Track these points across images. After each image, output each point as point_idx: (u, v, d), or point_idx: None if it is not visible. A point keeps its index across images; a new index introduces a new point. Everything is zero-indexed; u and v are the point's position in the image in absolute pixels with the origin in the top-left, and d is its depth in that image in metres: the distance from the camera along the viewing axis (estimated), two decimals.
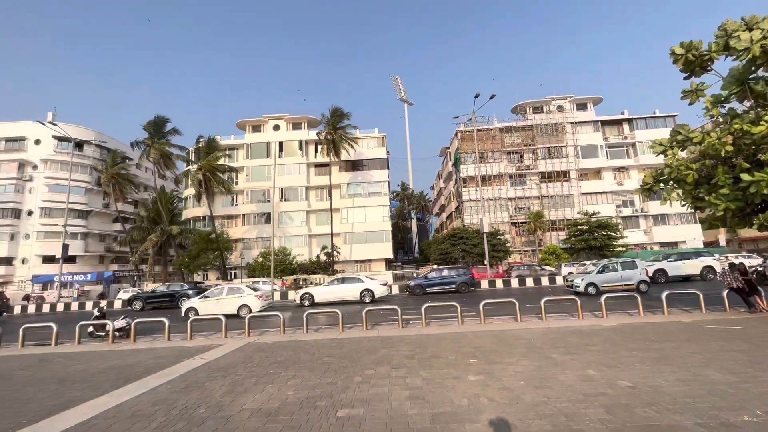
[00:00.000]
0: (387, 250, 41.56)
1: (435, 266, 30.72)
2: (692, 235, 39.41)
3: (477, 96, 27.98)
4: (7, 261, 41.85)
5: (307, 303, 18.73)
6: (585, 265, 25.74)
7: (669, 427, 3.52)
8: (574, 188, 41.27)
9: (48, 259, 42.11)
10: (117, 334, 11.06)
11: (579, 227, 34.71)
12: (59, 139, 43.45)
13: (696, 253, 21.08)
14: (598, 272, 17.26)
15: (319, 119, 39.36)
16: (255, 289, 17.26)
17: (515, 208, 41.80)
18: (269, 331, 11.22)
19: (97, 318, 12.07)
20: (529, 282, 25.70)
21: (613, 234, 33.50)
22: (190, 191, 41.59)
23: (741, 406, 3.94)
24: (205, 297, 16.20)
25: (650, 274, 19.41)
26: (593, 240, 33.11)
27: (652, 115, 42.55)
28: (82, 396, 5.60)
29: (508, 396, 4.60)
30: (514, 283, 25.56)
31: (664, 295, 10.33)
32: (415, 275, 33.97)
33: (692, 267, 20.18)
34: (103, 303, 24.14)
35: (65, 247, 29.52)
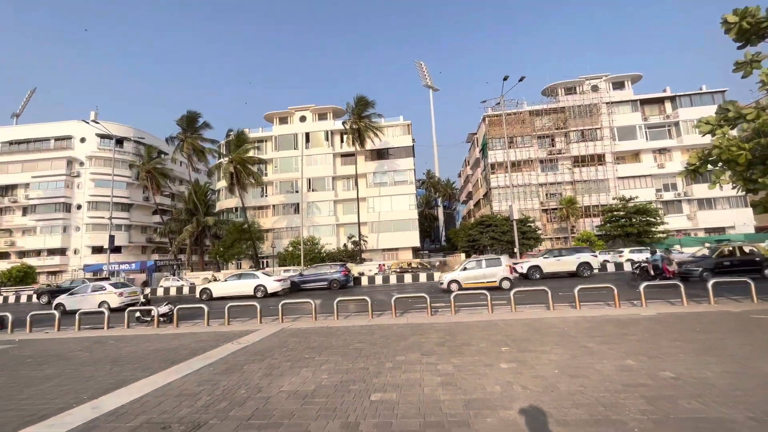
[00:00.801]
0: (414, 239, 41.54)
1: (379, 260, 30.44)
2: (742, 219, 36.69)
3: (506, 79, 26.99)
4: (61, 252, 45.31)
5: (204, 297, 20.17)
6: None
7: (717, 420, 3.37)
8: (609, 172, 39.32)
9: (96, 250, 45.23)
10: (161, 319, 11.78)
11: (615, 213, 33.13)
12: (102, 136, 46.13)
13: (575, 249, 21.11)
14: (462, 269, 17.13)
15: (344, 109, 39.43)
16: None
17: (546, 194, 40.43)
18: (301, 317, 11.58)
19: (143, 304, 12.90)
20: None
21: (652, 219, 31.76)
22: (222, 183, 43.12)
23: None
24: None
25: (524, 270, 20.07)
26: (630, 226, 31.54)
27: (698, 91, 39.52)
28: (134, 375, 6.05)
29: (542, 384, 4.54)
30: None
31: (710, 284, 9.74)
32: (440, 263, 33.79)
33: (568, 264, 19.98)
34: (147, 290, 25.69)
35: (111, 238, 31.51)
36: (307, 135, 44.73)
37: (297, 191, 43.08)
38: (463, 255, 34.23)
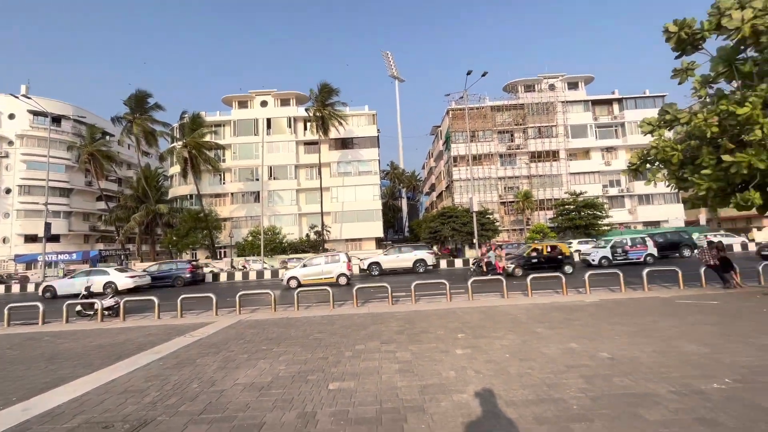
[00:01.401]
0: (377, 229, 41.75)
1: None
2: (674, 214, 40.45)
3: (469, 73, 27.50)
4: None
5: (47, 295, 18.98)
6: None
7: (644, 395, 3.72)
8: (563, 168, 41.61)
9: (30, 239, 41.26)
10: (106, 312, 11.02)
11: (566, 206, 35.26)
12: (35, 113, 41.68)
13: (413, 247, 22.57)
14: (301, 266, 17.84)
15: (308, 96, 38.44)
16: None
17: (505, 188, 42.11)
18: (260, 309, 11.32)
19: (84, 297, 11.98)
20: None
21: (598, 213, 34.17)
22: (175, 169, 40.64)
23: (712, 375, 4.17)
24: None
25: (365, 267, 21.46)
26: (579, 219, 33.75)
27: (642, 95, 42.66)
28: (74, 373, 5.62)
29: (493, 368, 4.78)
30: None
31: (644, 272, 10.69)
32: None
33: (406, 261, 21.27)
34: (91, 281, 23.85)
35: (47, 225, 28.82)
36: (269, 121, 43.15)
37: (257, 179, 41.55)
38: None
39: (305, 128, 42.41)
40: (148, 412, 3.98)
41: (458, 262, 27.25)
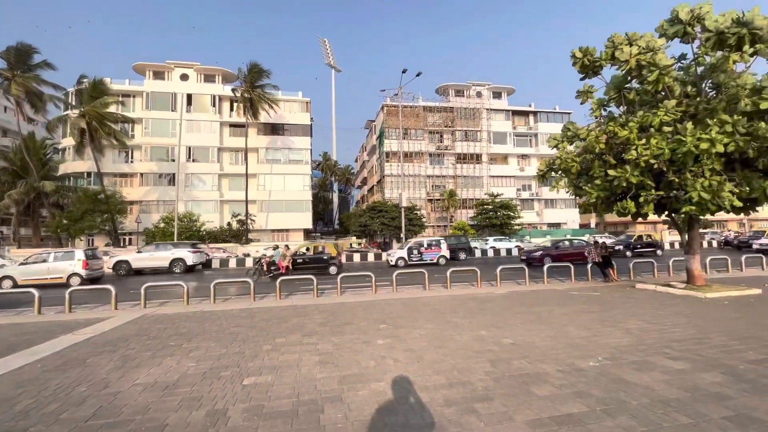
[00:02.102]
0: (306, 220, 40.82)
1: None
2: (572, 218, 46.48)
3: (404, 72, 28.17)
4: None
5: None
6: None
7: (536, 374, 4.24)
8: (484, 171, 44.99)
9: None
10: None
11: (485, 206, 38.32)
12: None
13: (172, 245, 21.02)
14: (20, 264, 15.41)
15: (236, 74, 35.83)
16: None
17: (432, 186, 44.16)
18: (170, 302, 10.35)
19: None
20: None
21: (512, 214, 37.77)
22: (69, 141, 34.90)
23: (589, 354, 4.90)
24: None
25: (110, 266, 19.39)
26: (496, 218, 36.95)
27: (553, 110, 47.96)
28: None
29: (411, 356, 5.02)
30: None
31: (545, 267, 12.11)
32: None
33: (162, 259, 19.91)
34: None
35: None
36: (189, 97, 39.23)
37: (173, 160, 37.56)
38: (353, 238, 35.15)
39: (231, 109, 39.46)
40: (17, 422, 3.40)
41: (384, 256, 27.86)
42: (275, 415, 3.40)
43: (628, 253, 22.63)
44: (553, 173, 11.49)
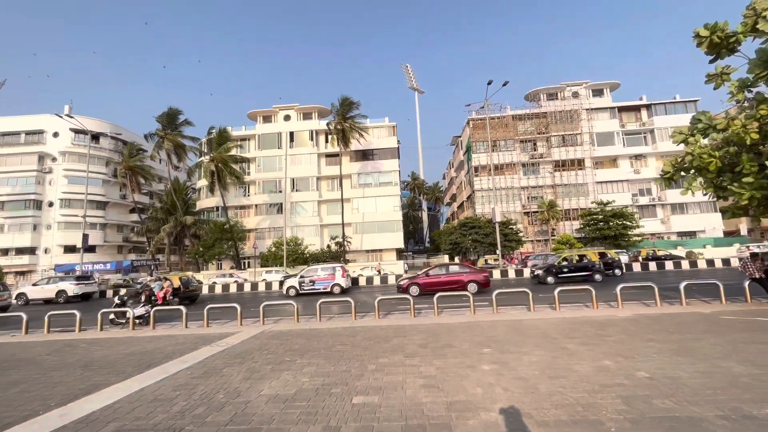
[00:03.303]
0: (398, 240, 41.63)
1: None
2: (712, 224, 38.35)
3: (490, 83, 27.40)
4: (31, 251, 43.36)
5: None
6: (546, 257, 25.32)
7: (689, 419, 3.47)
8: (588, 177, 40.43)
9: (69, 249, 43.47)
10: (137, 321, 11.40)
11: (593, 216, 34.11)
12: (76, 131, 44.34)
13: (60, 278, 23.64)
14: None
15: (329, 109, 39.24)
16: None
17: (528, 197, 41.24)
18: (283, 320, 11.41)
19: (117, 306, 12.46)
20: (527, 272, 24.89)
21: (628, 223, 32.83)
22: (203, 182, 42.20)
23: (765, 398, 3.85)
24: None
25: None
26: (608, 229, 32.53)
27: (672, 100, 41.13)
28: (107, 380, 5.81)
29: (522, 386, 4.59)
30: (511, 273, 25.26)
31: (682, 286, 10.11)
32: (424, 264, 34.00)
33: (49, 291, 22.05)
34: (123, 291, 24.83)
35: (85, 237, 30.36)
36: (292, 134, 44.25)
37: (280, 191, 42.50)
38: (446, 257, 34.55)
39: (326, 141, 43.19)
40: (176, 421, 4.05)
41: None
42: None
43: None
44: (683, 173, 9.71)
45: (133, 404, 4.67)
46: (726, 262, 25.25)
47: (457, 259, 34.71)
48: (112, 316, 12.01)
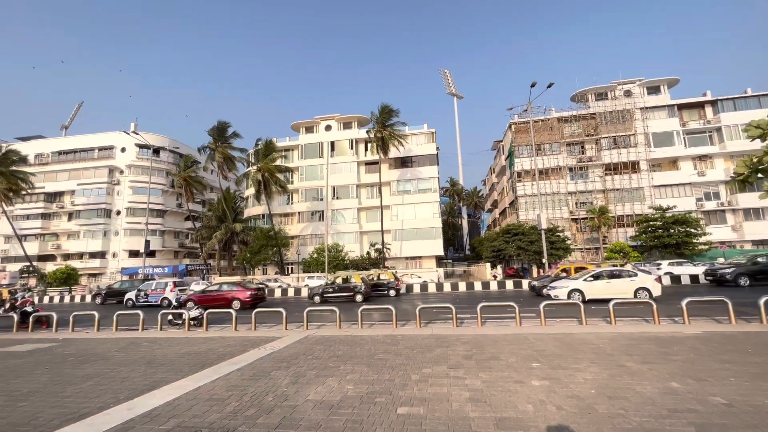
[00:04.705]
0: (437, 247, 41.11)
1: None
2: None
3: (533, 85, 26.53)
4: (101, 255, 47.89)
5: None
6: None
7: None
8: (644, 180, 37.56)
9: (133, 254, 47.48)
10: (192, 322, 12.14)
11: (651, 223, 31.53)
12: (140, 146, 48.70)
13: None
14: None
15: (369, 117, 39.88)
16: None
17: (576, 203, 39.08)
18: (325, 325, 11.63)
19: (175, 308, 13.36)
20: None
21: (693, 230, 29.96)
22: (250, 191, 44.44)
23: None
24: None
25: None
26: (668, 237, 29.90)
27: (743, 95, 37.31)
28: (167, 378, 6.23)
29: (577, 405, 4.31)
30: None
31: (762, 301, 9.01)
32: (464, 272, 33.23)
33: None
34: (181, 294, 26.62)
35: (147, 242, 33.05)
36: (332, 144, 45.48)
37: (322, 199, 43.72)
38: (488, 264, 33.55)
39: (366, 149, 43.89)
40: (230, 421, 4.23)
41: (524, 284, 25.38)
42: None
43: None
44: (760, 174, 8.73)
45: (191, 402, 4.95)
46: None
47: (499, 267, 33.55)
48: (170, 317, 12.91)
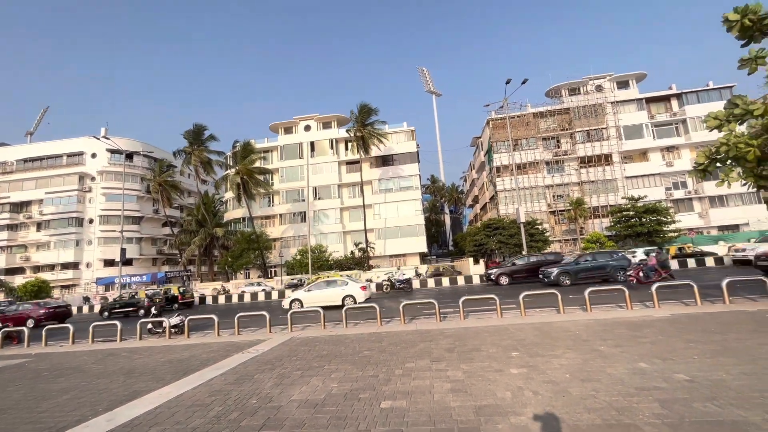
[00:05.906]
0: (421, 244, 41.47)
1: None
2: (756, 216, 36.03)
3: (508, 82, 27.01)
4: (74, 266, 46.06)
5: None
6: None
7: (733, 423, 3.31)
8: (617, 172, 38.98)
9: (108, 263, 45.89)
10: (173, 330, 11.89)
11: (624, 213, 32.73)
12: (112, 151, 47.05)
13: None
14: None
15: (348, 117, 39.81)
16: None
17: (553, 196, 40.18)
18: (310, 326, 11.61)
19: (154, 316, 13.05)
20: None
21: (663, 219, 31.27)
22: (229, 194, 43.65)
23: None
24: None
25: None
26: (640, 226, 31.11)
27: (705, 88, 39.15)
28: (148, 387, 6.12)
29: (553, 389, 4.50)
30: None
31: (724, 283, 9.56)
32: (450, 267, 33.68)
33: None
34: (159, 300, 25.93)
35: (123, 251, 31.95)
36: (312, 144, 45.14)
37: (303, 200, 43.38)
38: (470, 259, 34.08)
39: (347, 148, 43.77)
40: (213, 425, 4.22)
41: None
42: None
43: None
44: (718, 164, 9.24)
45: (173, 410, 4.90)
46: None
47: (482, 262, 34.15)
48: (149, 326, 12.60)
